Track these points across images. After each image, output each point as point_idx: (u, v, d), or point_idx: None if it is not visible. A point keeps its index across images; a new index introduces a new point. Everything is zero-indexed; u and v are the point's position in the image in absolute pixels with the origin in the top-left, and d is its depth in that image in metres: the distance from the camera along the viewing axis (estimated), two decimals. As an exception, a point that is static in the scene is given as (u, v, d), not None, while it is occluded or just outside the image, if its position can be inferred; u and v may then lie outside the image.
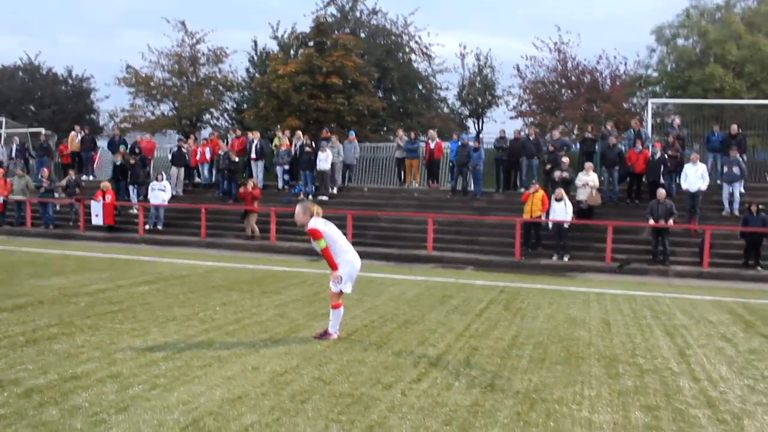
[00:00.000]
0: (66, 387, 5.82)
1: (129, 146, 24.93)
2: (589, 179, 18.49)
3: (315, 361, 6.84)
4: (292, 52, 35.54)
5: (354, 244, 15.74)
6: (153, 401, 5.51)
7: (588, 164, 19.06)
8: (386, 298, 11.05)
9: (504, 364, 7.02)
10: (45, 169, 23.55)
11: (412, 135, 23.71)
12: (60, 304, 9.65)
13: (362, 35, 37.74)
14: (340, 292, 7.80)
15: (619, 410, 5.70)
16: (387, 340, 7.92)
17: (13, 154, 27.37)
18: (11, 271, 13.01)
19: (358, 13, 39.03)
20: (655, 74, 33.41)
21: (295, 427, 5.01)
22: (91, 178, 25.90)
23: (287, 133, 24.31)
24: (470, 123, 41.38)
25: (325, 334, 7.86)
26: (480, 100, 40.04)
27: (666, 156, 19.11)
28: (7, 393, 5.61)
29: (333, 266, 7.75)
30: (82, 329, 8.06)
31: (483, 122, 41.19)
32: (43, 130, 30.84)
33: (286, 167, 23.30)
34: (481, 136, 29.87)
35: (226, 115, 41.95)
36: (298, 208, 7.97)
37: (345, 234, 8.20)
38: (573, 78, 34.76)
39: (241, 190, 20.70)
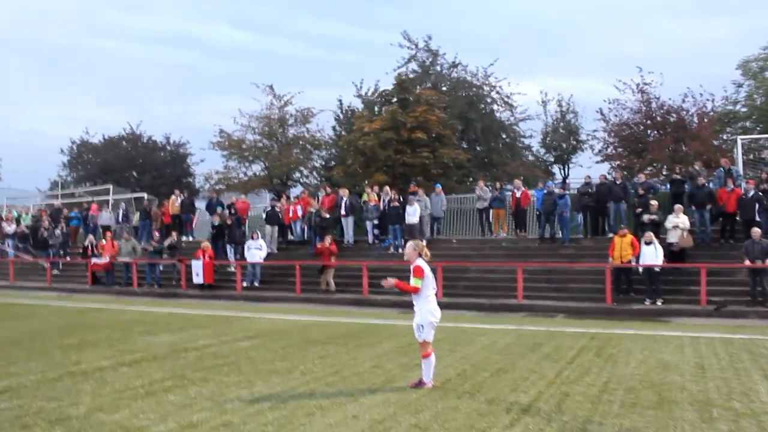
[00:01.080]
0: (184, 435, 6.38)
1: (226, 207, 26.17)
2: (679, 221, 18.25)
3: (411, 409, 7.18)
4: (376, 109, 36.58)
5: (445, 295, 16.14)
6: (264, 447, 5.98)
7: (677, 206, 18.82)
8: (478, 348, 11.29)
9: (595, 409, 7.16)
10: (155, 232, 25.04)
11: (498, 185, 23.97)
12: (171, 359, 10.38)
13: (444, 88, 38.53)
14: (427, 342, 8.15)
15: (712, 453, 5.77)
16: (480, 388, 8.18)
17: (120, 219, 29.21)
18: (125, 329, 13.97)
19: (438, 68, 39.90)
20: (744, 109, 32.71)
21: (395, 470, 5.36)
22: (190, 239, 27.25)
23: (375, 188, 25.04)
24: (556, 169, 41.32)
25: (420, 384, 8.19)
26: (564, 145, 40.01)
27: (760, 193, 18.70)
28: (135, 440, 6.22)
29: (404, 287, 8.24)
30: (193, 381, 8.69)
31: (569, 168, 41.06)
32: (145, 195, 32.78)
33: (376, 222, 23.93)
34: (567, 182, 29.80)
35: (314, 173, 43.28)
36: (410, 244, 8.45)
37: (436, 285, 8.56)
38: (658, 118, 34.34)
39: (319, 245, 21.48)
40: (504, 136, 40.58)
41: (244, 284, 22.29)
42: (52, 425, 6.71)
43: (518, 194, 22.64)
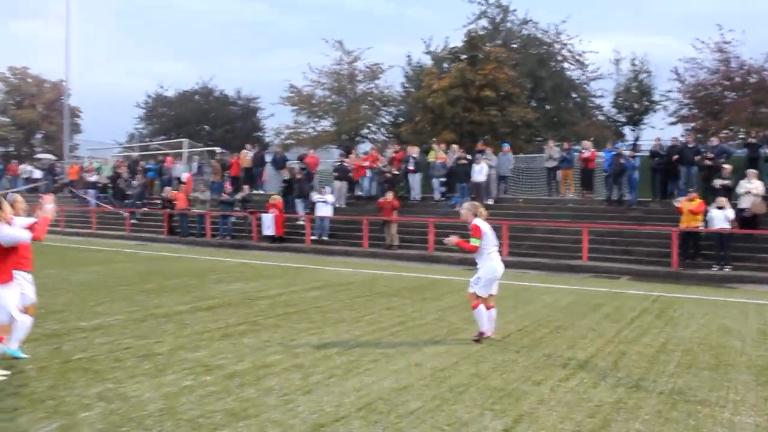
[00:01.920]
0: (259, 373, 6.89)
1: (297, 160, 26.80)
2: (752, 187, 17.88)
3: (472, 360, 7.54)
4: (445, 66, 36.46)
5: (510, 254, 16.36)
6: (332, 387, 6.43)
7: (751, 171, 18.42)
8: (539, 306, 11.53)
9: (651, 368, 7.38)
10: (227, 185, 25.84)
11: (565, 145, 23.81)
12: (245, 306, 10.99)
13: (514, 46, 38.06)
14: (475, 294, 8.44)
15: (764, 414, 5.92)
16: (538, 344, 8.47)
17: (194, 171, 30.21)
18: (200, 277, 14.73)
19: (509, 24, 39.36)
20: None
21: (454, 413, 5.73)
22: (261, 192, 28.01)
23: (443, 146, 25.20)
24: (627, 130, 40.47)
25: (479, 336, 8.51)
26: (636, 106, 39.11)
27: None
28: (215, 375, 6.77)
29: (464, 246, 8.54)
30: (266, 327, 9.25)
31: (641, 129, 40.17)
32: (218, 149, 33.68)
33: (443, 179, 24.14)
34: (637, 143, 29.28)
35: (383, 129, 43.56)
36: (467, 205, 8.75)
37: (501, 244, 8.81)
38: (737, 79, 33.19)
39: (381, 200, 21.82)
40: (574, 95, 39.96)
41: (313, 237, 22.90)
42: (141, 360, 7.34)
43: (587, 155, 22.47)
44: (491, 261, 8.45)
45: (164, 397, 6.08)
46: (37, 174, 36.72)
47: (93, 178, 32.79)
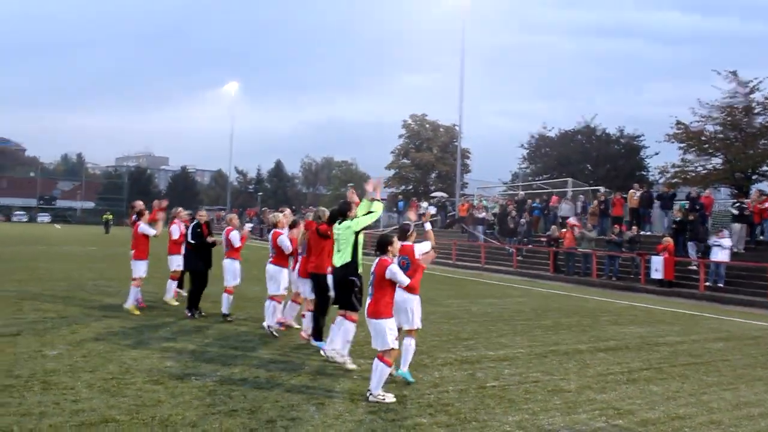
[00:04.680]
0: (673, 424, 6.74)
1: (687, 202, 25.47)
2: None
3: None
4: None
5: None
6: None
7: None
8: None
9: None
10: (616, 226, 25.51)
11: None
12: (645, 351, 10.80)
13: None
14: None
15: None
16: None
17: (578, 211, 30.46)
18: (592, 317, 14.81)
19: None
20: None
21: None
22: (649, 233, 27.11)
23: None
24: None
25: None
26: None
27: None
28: (627, 420, 6.82)
29: None
30: (672, 376, 8.97)
31: None
32: (602, 189, 33.49)
33: None
34: None
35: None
36: None
37: None
38: None
39: None
40: None
41: (707, 284, 21.45)
42: (550, 394, 7.67)
43: None
44: None
45: (579, 435, 6.27)
46: (432, 210, 40.32)
47: (481, 215, 34.97)
